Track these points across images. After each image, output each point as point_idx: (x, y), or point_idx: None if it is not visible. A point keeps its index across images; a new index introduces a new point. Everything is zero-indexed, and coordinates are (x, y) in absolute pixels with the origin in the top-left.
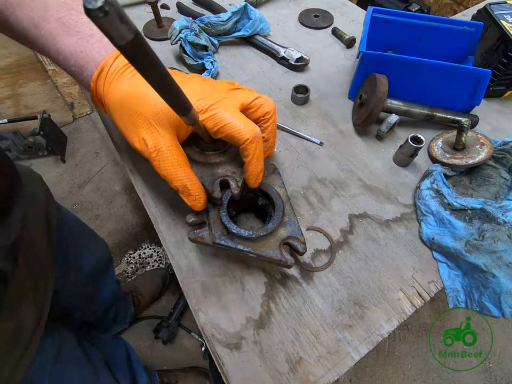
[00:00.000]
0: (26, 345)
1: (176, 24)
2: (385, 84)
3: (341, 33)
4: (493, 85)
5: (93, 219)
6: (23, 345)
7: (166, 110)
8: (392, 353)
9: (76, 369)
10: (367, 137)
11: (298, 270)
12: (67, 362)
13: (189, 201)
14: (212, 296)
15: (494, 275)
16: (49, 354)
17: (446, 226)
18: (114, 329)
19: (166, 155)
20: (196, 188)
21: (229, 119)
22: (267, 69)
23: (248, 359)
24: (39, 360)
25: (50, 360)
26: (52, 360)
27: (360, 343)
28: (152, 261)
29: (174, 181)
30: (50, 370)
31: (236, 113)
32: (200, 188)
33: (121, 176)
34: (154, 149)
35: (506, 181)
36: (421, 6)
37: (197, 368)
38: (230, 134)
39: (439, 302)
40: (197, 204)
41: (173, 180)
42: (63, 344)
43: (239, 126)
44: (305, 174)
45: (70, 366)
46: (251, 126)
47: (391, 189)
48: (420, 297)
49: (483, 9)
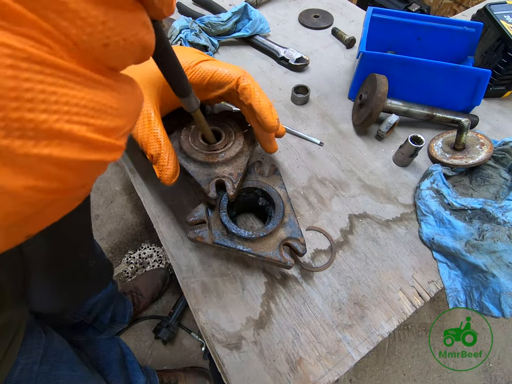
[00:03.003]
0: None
1: (176, 24)
2: (385, 84)
3: (340, 33)
4: (492, 85)
5: (93, 219)
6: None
7: (153, 74)
8: (392, 353)
9: (64, 370)
10: (367, 137)
11: (298, 270)
12: (54, 363)
13: (157, 171)
14: (211, 296)
15: (494, 275)
16: (35, 355)
17: (446, 226)
18: (113, 329)
19: (143, 119)
20: (166, 157)
21: (214, 68)
22: (267, 69)
23: (248, 359)
24: (24, 361)
25: (36, 361)
26: (38, 361)
27: (360, 343)
28: (152, 261)
29: (148, 148)
30: (37, 371)
31: (218, 62)
32: (172, 159)
33: (121, 176)
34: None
35: (506, 181)
36: (421, 6)
37: (197, 368)
38: (221, 81)
39: (439, 302)
40: (163, 175)
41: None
42: (50, 345)
43: (226, 71)
44: (305, 174)
45: (57, 367)
46: (237, 68)
47: (391, 189)
48: (420, 297)
49: (483, 9)
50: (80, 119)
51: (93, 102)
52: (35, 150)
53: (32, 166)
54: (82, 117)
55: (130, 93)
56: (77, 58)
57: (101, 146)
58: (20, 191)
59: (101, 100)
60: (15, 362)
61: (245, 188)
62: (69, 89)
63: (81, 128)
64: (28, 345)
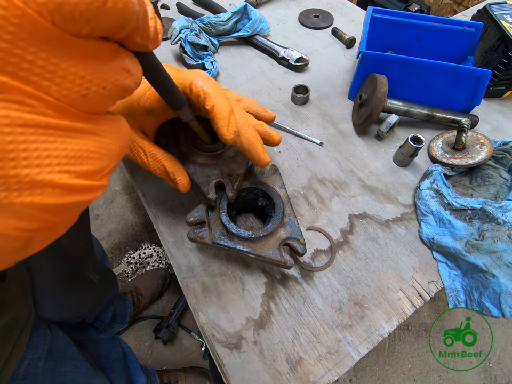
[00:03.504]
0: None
1: (176, 24)
2: (385, 84)
3: (341, 33)
4: (492, 85)
5: (93, 219)
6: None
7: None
8: (392, 353)
9: (68, 367)
10: (367, 137)
11: (298, 270)
12: (59, 359)
13: (171, 184)
14: (211, 296)
15: (494, 275)
16: (41, 351)
17: (446, 226)
18: (113, 329)
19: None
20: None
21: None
22: (267, 69)
23: (248, 359)
24: (30, 357)
25: (42, 357)
26: (44, 357)
27: (360, 343)
28: (152, 261)
29: (155, 172)
30: (43, 367)
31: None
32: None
33: (121, 176)
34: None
35: (506, 181)
36: (421, 6)
37: (197, 368)
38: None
39: (439, 302)
40: (178, 186)
41: (155, 171)
42: (54, 342)
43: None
44: (305, 174)
45: (62, 364)
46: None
47: (391, 189)
48: (420, 297)
49: (483, 9)
50: (61, 168)
51: (73, 151)
52: (18, 200)
53: (17, 211)
54: (63, 166)
55: (114, 132)
56: (58, 111)
57: (82, 189)
58: (5, 231)
59: (81, 147)
60: (22, 358)
61: (245, 188)
62: (50, 143)
63: (63, 176)
64: (34, 341)
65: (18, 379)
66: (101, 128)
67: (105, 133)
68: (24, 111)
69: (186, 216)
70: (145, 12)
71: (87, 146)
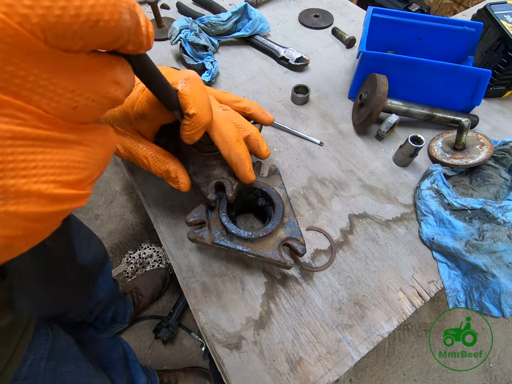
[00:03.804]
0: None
1: (176, 24)
2: (385, 84)
3: (341, 33)
4: (493, 85)
5: (93, 219)
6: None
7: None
8: (392, 353)
9: (70, 366)
10: (367, 137)
11: (298, 270)
12: (60, 359)
13: (172, 185)
14: (211, 296)
15: (494, 275)
16: (43, 351)
17: (446, 226)
18: (113, 329)
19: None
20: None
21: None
22: (267, 69)
23: (248, 359)
24: (32, 357)
25: (44, 357)
26: (46, 357)
27: (360, 343)
28: (152, 261)
29: (156, 172)
30: (44, 367)
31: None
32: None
33: (121, 176)
34: (124, 151)
35: (506, 181)
36: (421, 6)
37: (197, 368)
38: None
39: (439, 302)
40: (179, 186)
41: (155, 172)
42: (56, 342)
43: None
44: (305, 174)
45: (63, 364)
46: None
47: (391, 189)
48: (420, 297)
49: (483, 9)
50: (48, 178)
51: (60, 161)
52: (3, 208)
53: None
54: (50, 176)
55: (100, 142)
56: (48, 123)
57: (67, 198)
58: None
59: (68, 157)
60: (24, 358)
61: (245, 188)
62: (37, 154)
63: (49, 186)
64: (36, 341)
65: (20, 379)
66: (88, 138)
67: (92, 143)
68: (14, 124)
69: (186, 217)
70: (137, 22)
71: (73, 156)
